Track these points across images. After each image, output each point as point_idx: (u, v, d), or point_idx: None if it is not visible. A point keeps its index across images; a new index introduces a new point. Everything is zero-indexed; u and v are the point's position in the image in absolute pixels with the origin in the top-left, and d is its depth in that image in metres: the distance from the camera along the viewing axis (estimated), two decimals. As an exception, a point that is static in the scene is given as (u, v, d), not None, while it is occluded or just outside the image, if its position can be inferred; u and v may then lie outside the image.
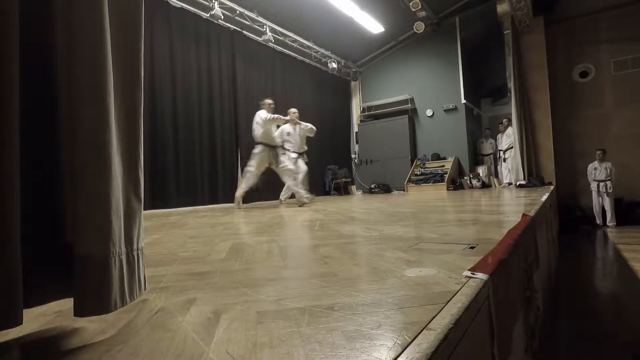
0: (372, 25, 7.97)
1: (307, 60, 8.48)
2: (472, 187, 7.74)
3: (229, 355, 0.55)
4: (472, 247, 1.31)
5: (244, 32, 6.74)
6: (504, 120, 7.92)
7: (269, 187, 6.01)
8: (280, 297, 0.84)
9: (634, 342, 2.40)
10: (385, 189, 8.65)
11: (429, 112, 8.67)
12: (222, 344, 0.60)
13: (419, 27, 7.91)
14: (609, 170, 7.23)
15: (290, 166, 5.00)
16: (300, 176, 5.17)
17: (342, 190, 8.70)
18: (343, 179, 8.77)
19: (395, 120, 8.97)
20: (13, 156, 0.59)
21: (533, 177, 7.21)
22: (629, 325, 2.71)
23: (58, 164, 0.71)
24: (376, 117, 9.41)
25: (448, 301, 0.73)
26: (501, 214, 2.52)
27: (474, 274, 0.90)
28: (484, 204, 3.64)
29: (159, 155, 5.23)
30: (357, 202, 5.27)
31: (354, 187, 9.11)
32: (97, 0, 0.69)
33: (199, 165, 5.79)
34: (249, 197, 6.58)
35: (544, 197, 3.53)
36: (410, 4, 7.25)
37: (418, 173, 8.37)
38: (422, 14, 7.66)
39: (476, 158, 8.80)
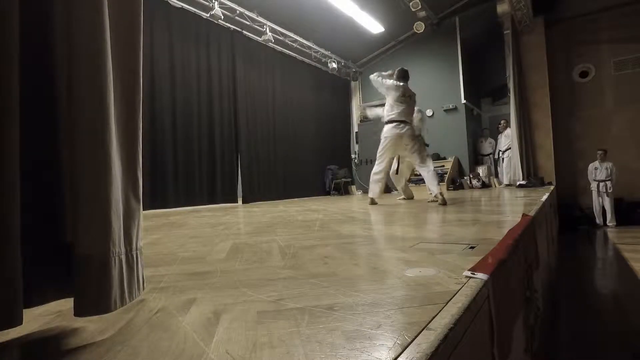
0: (372, 25, 7.96)
1: (307, 60, 8.47)
2: (472, 187, 7.73)
3: (229, 355, 0.55)
4: (472, 247, 1.31)
5: (244, 32, 6.73)
6: (502, 121, 7.92)
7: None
8: (280, 297, 0.84)
9: (634, 342, 2.40)
10: (386, 189, 8.64)
11: (429, 112, 8.64)
12: (222, 344, 0.60)
13: (419, 27, 7.89)
14: (609, 170, 7.23)
15: None
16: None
17: (342, 190, 8.68)
18: (343, 179, 8.76)
19: (395, 121, 8.96)
20: (13, 157, 0.59)
21: (533, 177, 7.21)
22: (629, 325, 2.70)
23: (58, 165, 0.71)
24: (376, 117, 9.42)
25: (448, 301, 0.73)
26: (501, 214, 2.52)
27: (474, 274, 0.90)
28: (484, 204, 3.64)
29: (158, 155, 5.22)
30: (357, 202, 5.27)
31: (354, 187, 9.10)
32: (97, 0, 0.69)
33: (198, 165, 5.78)
34: (249, 196, 6.59)
35: (544, 197, 3.53)
36: (410, 4, 7.24)
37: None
38: (422, 14, 7.65)
39: (476, 158, 8.79)
